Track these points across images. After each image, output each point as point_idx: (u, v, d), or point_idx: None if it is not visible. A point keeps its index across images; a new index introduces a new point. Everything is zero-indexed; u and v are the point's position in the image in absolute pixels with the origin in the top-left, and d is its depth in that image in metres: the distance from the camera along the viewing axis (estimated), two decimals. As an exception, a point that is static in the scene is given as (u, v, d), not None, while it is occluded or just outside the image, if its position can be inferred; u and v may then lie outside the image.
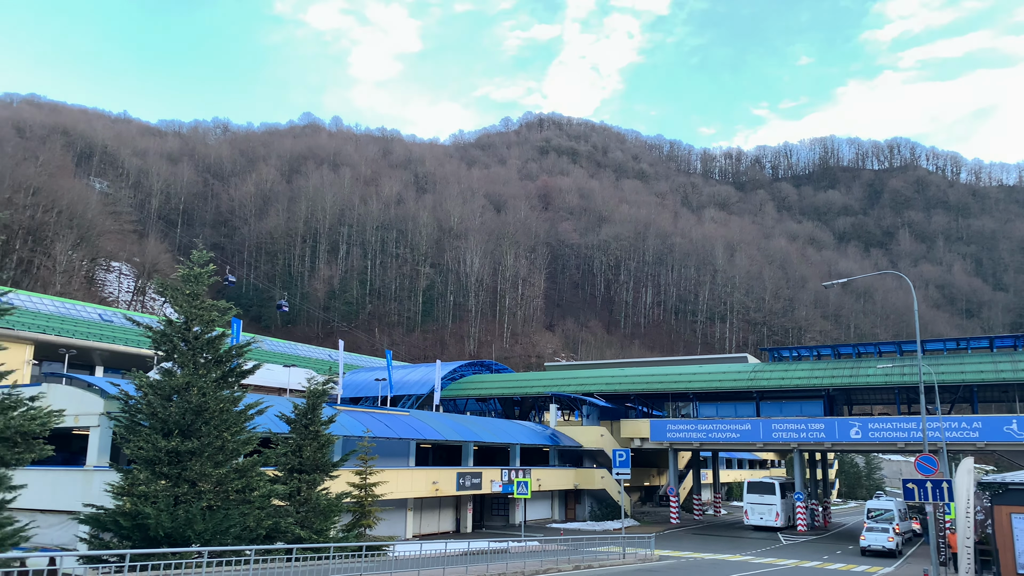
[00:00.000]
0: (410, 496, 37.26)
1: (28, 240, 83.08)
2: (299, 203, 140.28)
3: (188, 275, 20.65)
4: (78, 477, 25.20)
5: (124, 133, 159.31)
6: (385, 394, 53.56)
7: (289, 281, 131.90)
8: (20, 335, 40.28)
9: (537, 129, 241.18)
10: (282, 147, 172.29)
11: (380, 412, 40.00)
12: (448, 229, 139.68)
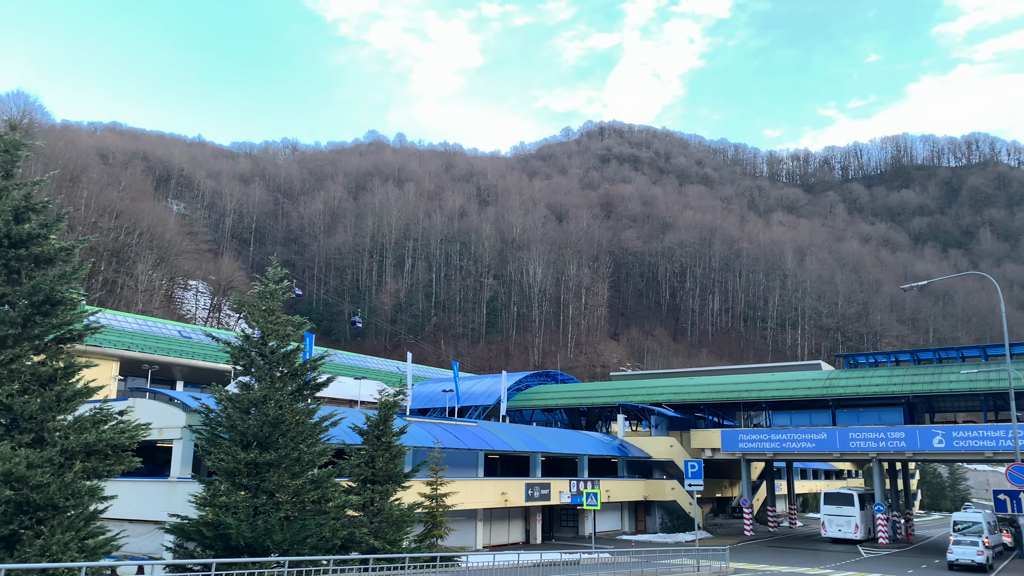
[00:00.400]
0: (479, 507, 37.47)
1: (112, 261, 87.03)
2: (366, 219, 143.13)
3: (264, 291, 21.34)
4: (163, 488, 26.23)
5: (199, 156, 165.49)
6: (452, 405, 54.06)
7: (357, 295, 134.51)
8: (107, 352, 42.20)
9: (598, 138, 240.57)
10: (349, 165, 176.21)
11: (448, 423, 40.41)
12: (510, 240, 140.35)
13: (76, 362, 15.63)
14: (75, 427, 15.25)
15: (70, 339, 15.81)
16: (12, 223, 15.07)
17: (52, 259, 15.65)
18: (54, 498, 13.94)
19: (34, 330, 15.07)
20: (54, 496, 13.93)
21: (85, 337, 16.10)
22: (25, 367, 15.01)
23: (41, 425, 14.86)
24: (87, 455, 14.99)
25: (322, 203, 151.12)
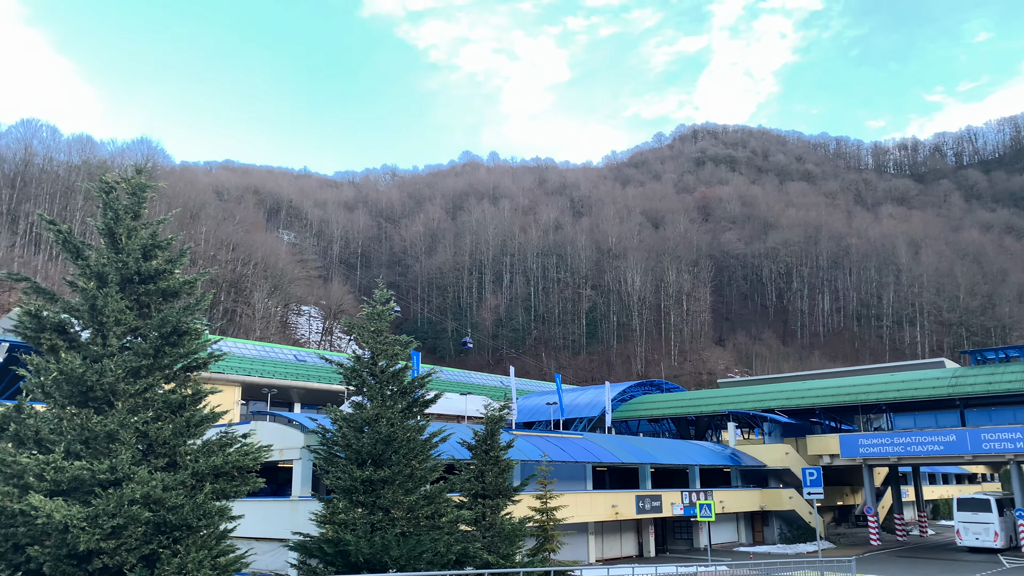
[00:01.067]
0: (590, 520, 37.23)
1: (231, 292, 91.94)
2: (464, 237, 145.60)
3: (372, 313, 22.04)
4: (285, 507, 27.37)
5: (305, 187, 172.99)
6: (557, 418, 54.01)
7: (459, 312, 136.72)
8: (230, 378, 44.51)
9: (691, 141, 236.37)
10: (445, 186, 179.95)
11: (554, 436, 40.42)
12: (607, 250, 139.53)
13: (203, 389, 16.52)
14: (204, 451, 16.07)
15: (196, 367, 16.74)
16: (141, 260, 16.14)
17: (177, 292, 16.65)
18: (188, 518, 14.68)
19: (164, 360, 16.01)
20: (188, 516, 14.66)
21: (210, 365, 17.02)
22: (157, 395, 15.96)
23: (174, 450, 15.74)
24: (216, 477, 15.77)
25: (422, 225, 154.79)
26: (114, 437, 14.60)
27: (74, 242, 16.03)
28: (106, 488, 14.06)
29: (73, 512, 13.29)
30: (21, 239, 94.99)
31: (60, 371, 14.67)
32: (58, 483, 13.89)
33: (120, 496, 13.72)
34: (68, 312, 15.70)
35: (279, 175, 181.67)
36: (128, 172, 16.82)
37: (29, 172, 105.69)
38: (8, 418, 14.70)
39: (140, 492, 13.90)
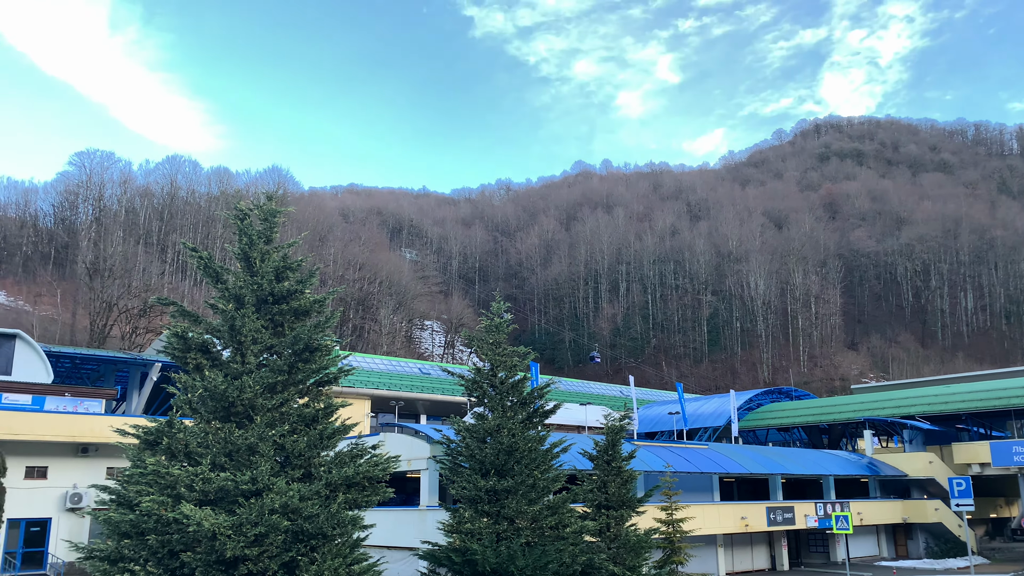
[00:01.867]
0: (718, 532, 36.20)
1: (359, 309, 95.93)
2: (578, 248, 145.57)
3: (490, 326, 22.42)
4: (414, 516, 28.13)
5: (425, 206, 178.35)
6: (679, 427, 52.92)
7: (576, 323, 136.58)
8: (359, 391, 46.32)
9: (813, 136, 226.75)
10: (559, 198, 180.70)
11: (678, 446, 39.61)
12: (727, 254, 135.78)
13: (334, 402, 17.25)
14: (336, 462, 16.74)
15: (327, 382, 17.51)
16: (274, 282, 17.08)
17: (308, 311, 17.49)
18: (323, 527, 15.31)
19: (297, 375, 16.84)
20: (323, 526, 15.29)
21: (340, 379, 17.76)
22: (292, 409, 16.79)
23: (308, 461, 16.49)
24: (348, 487, 16.38)
25: (536, 237, 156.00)
26: (254, 450, 15.47)
27: (214, 267, 17.15)
28: (248, 498, 14.90)
29: (220, 520, 14.13)
30: (170, 267, 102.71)
31: (204, 388, 15.72)
32: (206, 493, 14.83)
33: (261, 506, 14.49)
34: (210, 333, 16.80)
35: (400, 195, 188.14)
36: (260, 199, 17.84)
37: (175, 205, 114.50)
38: (161, 433, 15.86)
39: (279, 502, 14.63)
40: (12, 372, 34.41)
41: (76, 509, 31.07)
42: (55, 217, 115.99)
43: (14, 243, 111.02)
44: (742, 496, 43.99)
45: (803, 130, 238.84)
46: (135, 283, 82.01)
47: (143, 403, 41.23)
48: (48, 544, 30.57)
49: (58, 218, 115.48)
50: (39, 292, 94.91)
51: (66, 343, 67.89)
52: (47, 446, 30.85)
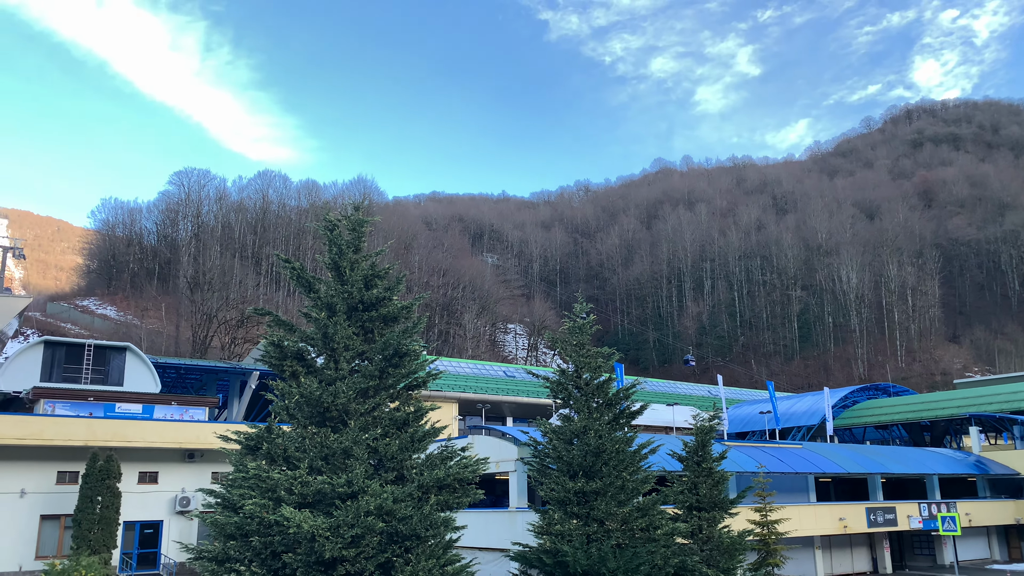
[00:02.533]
0: (815, 533, 35.12)
1: (444, 314, 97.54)
2: (660, 246, 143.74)
3: (573, 327, 22.45)
4: (504, 517, 28.39)
5: (505, 211, 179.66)
6: (771, 427, 51.59)
7: (659, 322, 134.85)
8: (447, 395, 47.10)
9: (905, 122, 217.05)
10: (638, 196, 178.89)
11: (770, 446, 38.64)
12: (816, 247, 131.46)
13: (423, 406, 17.61)
14: (427, 464, 17.07)
15: (417, 386, 17.90)
16: (363, 290, 17.57)
17: (396, 317, 17.93)
18: (416, 529, 15.63)
19: (388, 380, 17.27)
20: (416, 527, 15.61)
21: (429, 383, 18.13)
22: (384, 413, 17.23)
23: (401, 464, 16.88)
24: (439, 489, 16.69)
25: (617, 237, 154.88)
26: (349, 453, 15.96)
27: (306, 277, 17.79)
28: (344, 500, 15.37)
29: (318, 523, 14.64)
30: (264, 278, 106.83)
31: (300, 394, 16.32)
32: (304, 496, 15.39)
33: (357, 508, 14.93)
34: (305, 341, 17.43)
35: (480, 201, 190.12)
36: (348, 210, 18.40)
37: (267, 218, 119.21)
38: (261, 438, 16.55)
39: (374, 504, 15.04)
40: (124, 383, 36.51)
41: (185, 512, 32.68)
42: (158, 234, 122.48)
43: (122, 261, 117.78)
44: (839, 497, 42.55)
45: (893, 116, 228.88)
46: (232, 295, 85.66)
47: (243, 410, 43.02)
48: (160, 545, 32.26)
49: (161, 235, 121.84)
50: (145, 306, 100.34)
51: (171, 354, 71.49)
52: (157, 452, 32.57)
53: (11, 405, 36.50)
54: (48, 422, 30.47)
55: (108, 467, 29.56)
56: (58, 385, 34.89)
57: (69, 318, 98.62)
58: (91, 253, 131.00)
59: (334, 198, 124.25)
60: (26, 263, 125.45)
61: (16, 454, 29.90)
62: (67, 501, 30.16)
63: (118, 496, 29.65)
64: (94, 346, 36.99)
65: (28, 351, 36.11)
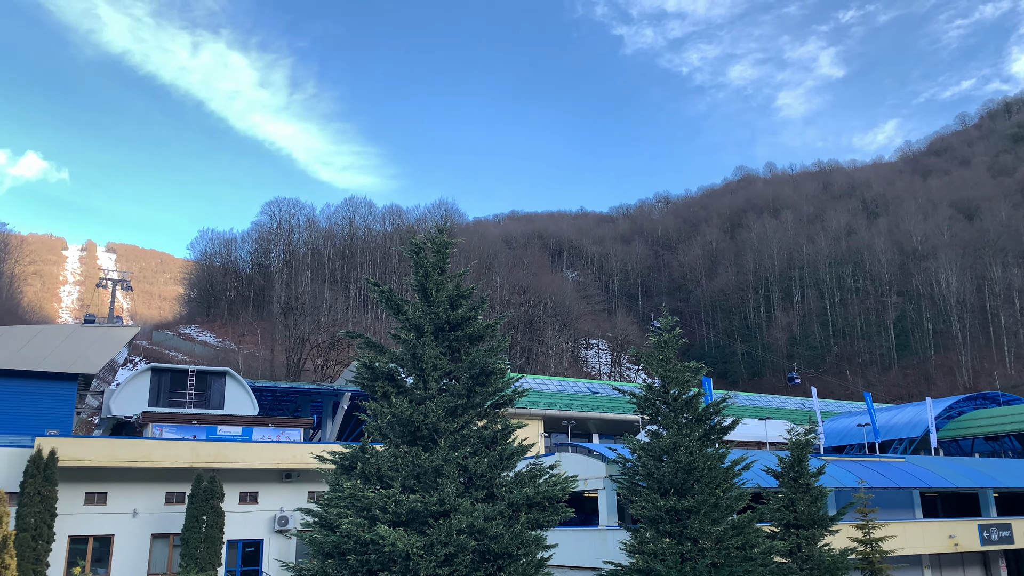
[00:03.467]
0: (922, 552, 33.42)
1: (526, 331, 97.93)
2: (745, 256, 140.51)
3: (659, 341, 22.20)
4: (594, 536, 28.16)
5: (583, 226, 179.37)
6: (870, 440, 49.55)
7: (747, 334, 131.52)
8: (532, 412, 47.16)
9: (1003, 116, 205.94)
10: (720, 206, 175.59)
11: (870, 460, 37.08)
12: (911, 251, 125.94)
13: (511, 424, 17.75)
14: (516, 482, 17.16)
15: (503, 404, 18.06)
16: (449, 310, 17.91)
17: (481, 336, 18.17)
18: (508, 547, 15.69)
19: (475, 398, 17.50)
20: (508, 545, 15.68)
21: (515, 401, 18.29)
22: (472, 432, 17.44)
23: (490, 482, 17.02)
24: (529, 507, 16.74)
25: (699, 248, 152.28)
26: (440, 471, 16.20)
27: (395, 299, 18.25)
28: (437, 519, 15.60)
29: (412, 541, 14.90)
30: (352, 302, 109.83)
31: (392, 414, 16.69)
32: (398, 514, 15.69)
33: (449, 526, 15.13)
34: (394, 361, 17.85)
35: (559, 218, 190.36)
36: (432, 233, 18.82)
37: (354, 243, 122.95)
38: (355, 458, 17.00)
39: (466, 522, 15.21)
40: (225, 406, 38.12)
41: (283, 531, 33.74)
42: (252, 263, 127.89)
43: (220, 289, 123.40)
44: (947, 513, 40.39)
45: (991, 111, 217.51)
46: (323, 319, 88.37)
47: (336, 430, 44.19)
48: (262, 563, 33.36)
49: (255, 263, 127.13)
50: (242, 332, 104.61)
51: (266, 377, 74.12)
52: (256, 473, 33.77)
53: (123, 429, 38.62)
54: (156, 445, 32.06)
55: (212, 488, 30.86)
56: (165, 409, 36.72)
57: (173, 345, 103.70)
58: (191, 283, 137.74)
59: (417, 221, 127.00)
60: (133, 294, 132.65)
61: (129, 476, 31.56)
62: (175, 520, 31.60)
63: (221, 515, 30.89)
64: (196, 371, 38.81)
65: (137, 378, 38.19)
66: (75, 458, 29.78)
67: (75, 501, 30.44)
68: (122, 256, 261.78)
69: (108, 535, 30.98)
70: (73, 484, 30.29)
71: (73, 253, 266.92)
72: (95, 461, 30.38)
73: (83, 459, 30.06)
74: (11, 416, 32.84)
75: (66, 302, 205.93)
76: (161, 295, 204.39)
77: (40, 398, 33.90)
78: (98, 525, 30.88)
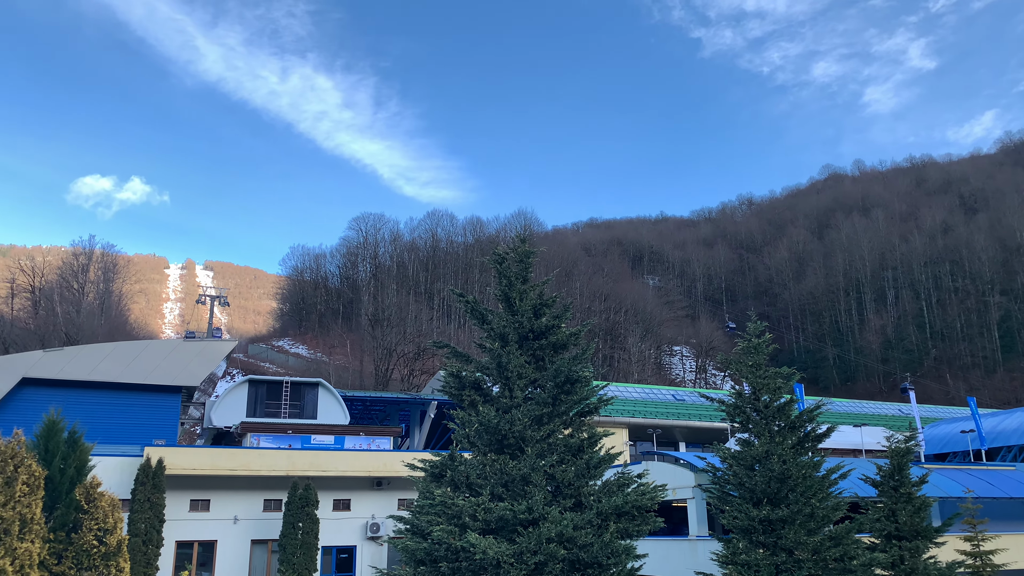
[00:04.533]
0: (1041, 567, 31.49)
1: (607, 339, 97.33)
2: (834, 257, 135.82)
3: (747, 347, 21.74)
4: (683, 546, 27.73)
5: (664, 231, 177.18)
6: (975, 447, 47.05)
7: (839, 337, 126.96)
8: (616, 421, 46.84)
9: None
10: (807, 206, 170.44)
11: (978, 468, 35.24)
12: (1014, 248, 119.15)
13: (597, 432, 17.73)
14: (604, 491, 17.09)
15: (588, 412, 18.04)
16: (532, 319, 18.03)
17: (565, 344, 18.22)
18: (598, 556, 15.63)
19: (561, 407, 17.54)
20: (598, 555, 15.61)
21: (600, 409, 18.25)
22: (559, 440, 17.48)
23: (578, 490, 17.00)
24: (618, 516, 16.64)
25: (786, 250, 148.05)
26: (527, 480, 16.31)
27: (479, 309, 18.51)
28: (526, 527, 15.68)
29: (502, 549, 15.03)
30: (436, 312, 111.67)
31: (479, 422, 16.91)
32: (488, 523, 15.85)
33: (539, 535, 15.19)
34: (480, 371, 18.10)
35: (638, 224, 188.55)
36: (513, 243, 19.02)
37: (437, 255, 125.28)
38: (445, 466, 17.29)
39: (555, 531, 15.24)
40: (317, 416, 39.38)
41: (375, 538, 34.50)
42: (341, 276, 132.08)
43: (310, 303, 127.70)
44: (1067, 525, 37.95)
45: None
46: (409, 330, 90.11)
47: (424, 438, 44.98)
48: (355, 570, 34.20)
49: (343, 277, 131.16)
50: (332, 344, 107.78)
51: (356, 387, 76.02)
52: (348, 480, 34.69)
53: (223, 439, 40.34)
54: (254, 454, 33.34)
55: (307, 495, 31.88)
56: (262, 420, 38.20)
57: (267, 358, 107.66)
58: (283, 297, 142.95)
59: (497, 232, 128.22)
60: (229, 310, 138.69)
61: (229, 483, 32.92)
62: (272, 527, 32.77)
63: (316, 522, 31.85)
64: (291, 383, 40.27)
65: (235, 390, 39.88)
66: (180, 467, 31.30)
67: (181, 508, 31.97)
68: (219, 273, 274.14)
69: (211, 540, 32.39)
70: (179, 492, 31.83)
71: (174, 272, 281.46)
72: (198, 469, 31.85)
73: (187, 468, 31.55)
74: (122, 427, 34.82)
75: (168, 318, 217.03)
76: (255, 310, 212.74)
77: (148, 409, 35.84)
78: (202, 531, 32.35)
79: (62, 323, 73.62)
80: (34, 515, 17.89)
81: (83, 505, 19.20)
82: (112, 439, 33.52)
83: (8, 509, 17.30)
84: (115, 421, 34.80)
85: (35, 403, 33.33)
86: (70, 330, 70.18)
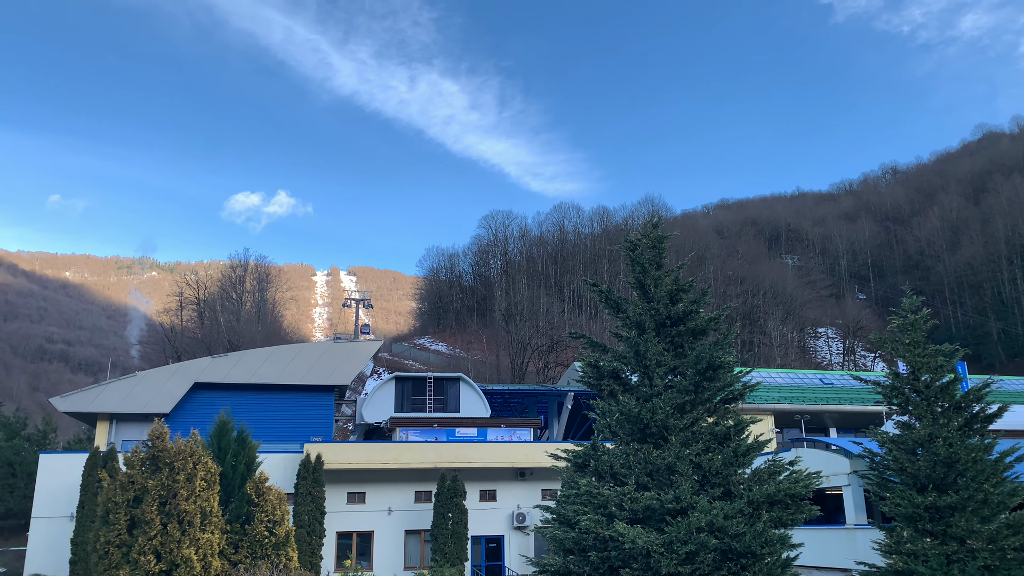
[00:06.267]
0: None
1: (745, 323, 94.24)
2: (993, 223, 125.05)
3: (903, 324, 20.52)
4: (841, 535, 26.51)
5: (801, 208, 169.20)
6: None
7: (1003, 310, 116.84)
8: (761, 407, 45.31)
9: None
10: (959, 170, 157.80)
11: None
12: None
13: (743, 419, 17.25)
14: (755, 479, 16.61)
15: (733, 399, 17.58)
16: (668, 305, 17.74)
17: (705, 330, 17.83)
18: (751, 546, 15.22)
19: (704, 394, 17.19)
20: (751, 544, 15.21)
21: (745, 395, 17.75)
22: (703, 428, 17.14)
23: (726, 479, 16.61)
24: (770, 505, 16.14)
25: (937, 219, 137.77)
26: (673, 469, 16.11)
27: (614, 298, 18.42)
28: (674, 516, 15.51)
29: (651, 538, 14.93)
30: (567, 304, 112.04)
31: (620, 412, 16.85)
32: (634, 512, 15.79)
33: (688, 524, 14.98)
34: (618, 360, 18.01)
35: (772, 202, 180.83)
36: (645, 228, 18.78)
37: (565, 248, 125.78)
38: (587, 456, 17.36)
39: (704, 520, 14.99)
40: (460, 409, 40.57)
41: (521, 527, 35.12)
42: (474, 274, 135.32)
43: (447, 302, 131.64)
44: None
45: None
46: (541, 323, 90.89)
47: (563, 429, 45.30)
48: (503, 558, 34.97)
49: (476, 274, 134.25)
50: (469, 340, 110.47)
51: (493, 381, 77.55)
52: (492, 472, 35.48)
53: (374, 434, 42.30)
54: (405, 448, 34.75)
55: (455, 486, 32.90)
56: (409, 415, 39.80)
57: (410, 355, 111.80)
58: (422, 297, 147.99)
59: (624, 220, 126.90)
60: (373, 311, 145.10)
61: (382, 476, 34.49)
62: (423, 517, 34.04)
63: (465, 513, 32.82)
64: (434, 378, 41.72)
65: (383, 387, 41.74)
66: (337, 461, 33.11)
67: (339, 500, 33.81)
68: (361, 278, 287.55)
69: (368, 531, 34.07)
70: (336, 485, 33.67)
71: (320, 278, 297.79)
72: (353, 464, 33.57)
73: (343, 462, 33.32)
74: (282, 425, 37.28)
75: (318, 322, 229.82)
76: (397, 310, 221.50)
77: (304, 408, 38.17)
78: (359, 522, 34.07)
79: (224, 331, 79.47)
80: (212, 508, 19.51)
81: (254, 499, 20.73)
82: (273, 437, 35.88)
83: (190, 503, 18.95)
84: (275, 420, 37.27)
85: (205, 405, 36.24)
86: (232, 337, 75.65)
